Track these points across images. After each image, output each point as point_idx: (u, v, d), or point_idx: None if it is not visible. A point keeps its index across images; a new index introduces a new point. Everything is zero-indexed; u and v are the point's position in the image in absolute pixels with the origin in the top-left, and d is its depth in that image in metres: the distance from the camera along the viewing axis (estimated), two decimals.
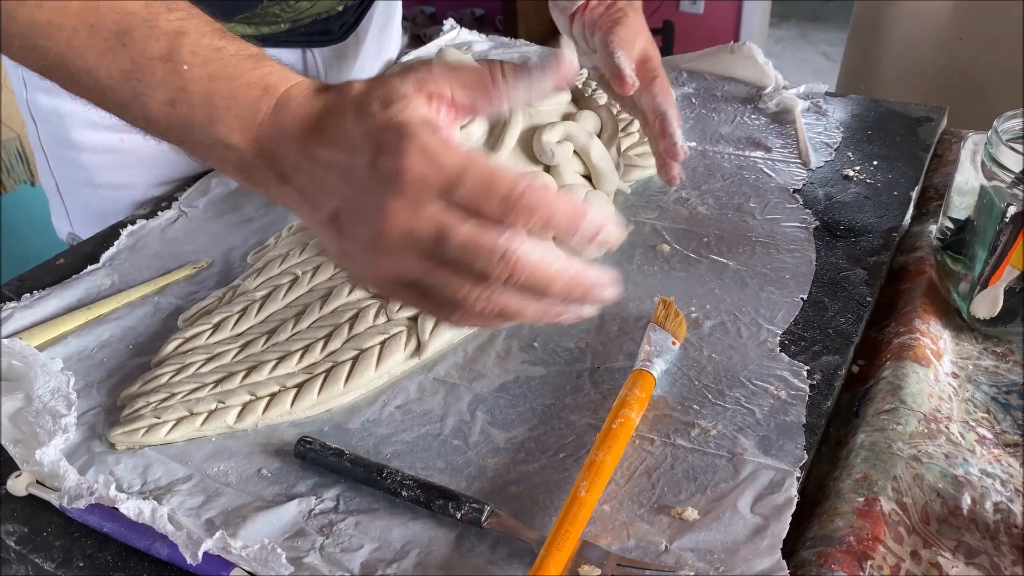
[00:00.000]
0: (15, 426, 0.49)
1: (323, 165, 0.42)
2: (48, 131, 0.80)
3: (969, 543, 0.41)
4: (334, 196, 0.42)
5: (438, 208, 0.40)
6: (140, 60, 0.44)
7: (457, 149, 0.40)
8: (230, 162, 0.45)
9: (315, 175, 0.43)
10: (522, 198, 0.39)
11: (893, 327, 0.54)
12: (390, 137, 0.40)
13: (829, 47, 3.60)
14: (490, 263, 0.39)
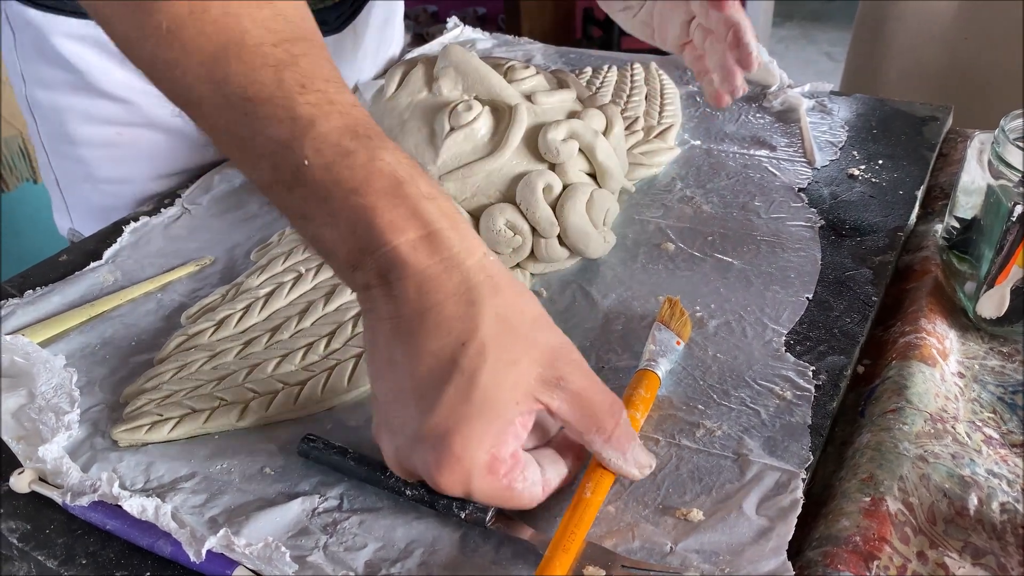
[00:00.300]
0: (18, 423, 0.48)
1: (392, 361, 0.39)
2: (47, 126, 0.79)
3: (976, 543, 0.41)
4: (386, 379, 0.40)
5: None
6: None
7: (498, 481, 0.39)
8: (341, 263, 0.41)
9: (394, 351, 0.39)
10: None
11: (899, 327, 0.54)
12: (448, 441, 0.37)
13: (832, 47, 3.59)
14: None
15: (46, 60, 0.74)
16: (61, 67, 0.74)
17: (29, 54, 0.75)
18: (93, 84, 0.74)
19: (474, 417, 0.37)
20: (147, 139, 0.77)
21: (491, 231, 0.56)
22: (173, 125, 0.77)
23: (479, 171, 0.56)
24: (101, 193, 0.79)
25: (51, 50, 0.73)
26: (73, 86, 0.75)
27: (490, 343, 0.38)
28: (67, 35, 0.72)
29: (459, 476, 0.38)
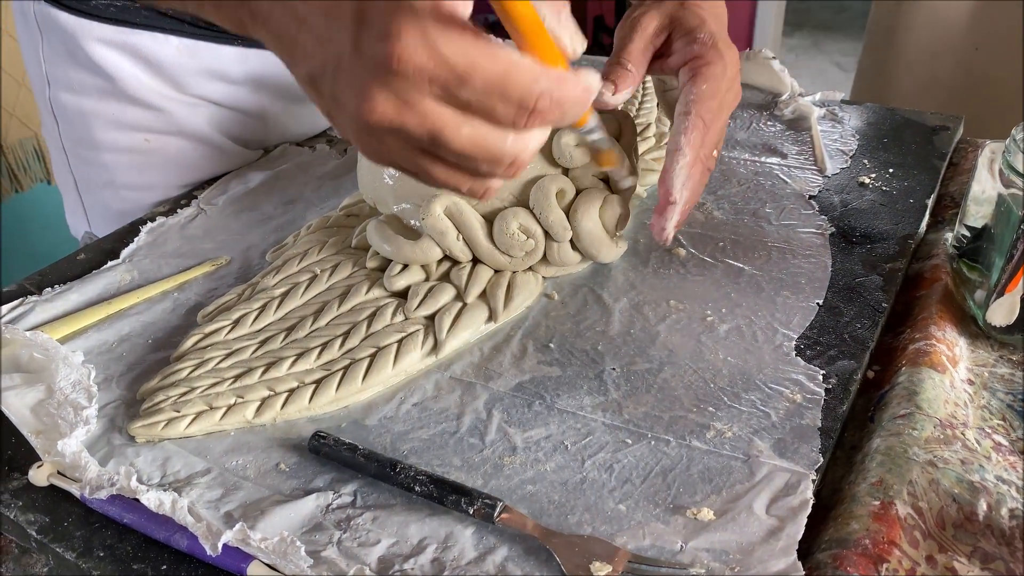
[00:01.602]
0: (37, 417, 0.49)
1: (300, 17, 0.37)
2: (70, 130, 0.80)
3: (985, 549, 0.41)
4: (309, 58, 0.38)
5: (434, 105, 0.35)
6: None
7: (466, 39, 0.34)
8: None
9: (291, 26, 0.38)
10: (539, 102, 0.35)
11: (909, 333, 0.54)
12: (380, 12, 0.34)
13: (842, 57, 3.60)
14: (494, 167, 0.37)
15: (76, 64, 0.75)
16: (92, 72, 0.74)
17: (58, 57, 0.76)
18: (124, 90, 0.75)
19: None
20: (175, 147, 0.78)
21: (504, 234, 0.56)
22: (202, 134, 0.78)
23: None
24: (122, 199, 0.80)
25: (82, 55, 0.73)
26: (103, 91, 0.75)
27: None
28: (100, 40, 0.73)
29: (410, 29, 0.33)
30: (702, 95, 0.54)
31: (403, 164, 0.39)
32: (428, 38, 0.34)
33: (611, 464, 0.45)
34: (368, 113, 0.36)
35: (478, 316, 0.55)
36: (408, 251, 0.57)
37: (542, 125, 0.37)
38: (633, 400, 0.49)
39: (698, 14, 0.55)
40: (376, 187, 0.60)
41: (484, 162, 0.37)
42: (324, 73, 0.37)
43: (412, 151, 0.38)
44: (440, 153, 0.37)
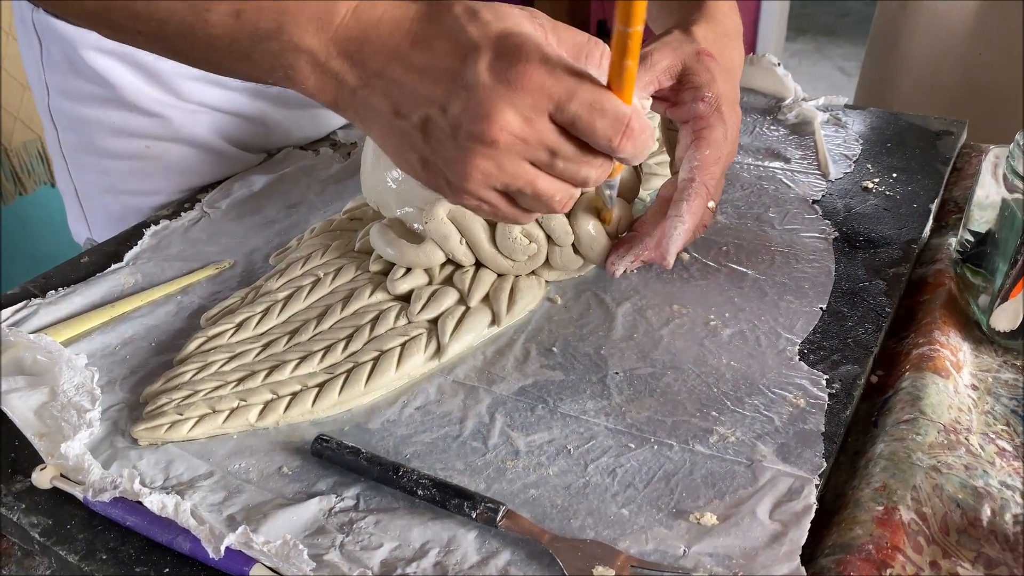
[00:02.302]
0: (40, 420, 0.49)
1: (418, 68, 0.42)
2: (70, 137, 0.80)
3: (988, 554, 0.41)
4: (427, 101, 0.43)
5: (549, 121, 0.42)
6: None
7: (569, 65, 0.42)
8: (300, 69, 0.44)
9: (406, 79, 0.43)
10: (631, 122, 0.42)
11: (912, 338, 0.54)
12: (513, 42, 0.41)
13: (845, 61, 3.60)
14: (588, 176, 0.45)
15: (75, 72, 0.75)
16: (91, 80, 0.74)
17: (56, 65, 0.76)
18: (124, 98, 0.75)
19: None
20: (176, 153, 0.78)
21: (507, 238, 0.56)
22: (203, 139, 0.78)
23: None
24: (123, 205, 0.80)
25: (81, 63, 0.74)
26: (102, 99, 0.75)
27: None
28: (99, 49, 0.73)
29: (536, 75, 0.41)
30: (706, 161, 0.55)
31: (512, 181, 0.44)
32: (547, 63, 0.41)
33: (614, 468, 0.45)
34: (499, 130, 0.42)
35: (481, 320, 0.55)
36: (411, 255, 0.57)
37: (634, 148, 0.43)
38: (636, 404, 0.49)
39: (709, 69, 0.55)
40: (379, 191, 0.60)
41: (584, 167, 0.44)
42: (445, 109, 0.42)
43: (525, 166, 0.44)
44: (553, 162, 0.44)
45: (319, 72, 0.44)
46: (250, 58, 0.45)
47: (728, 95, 0.55)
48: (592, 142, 0.43)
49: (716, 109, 0.54)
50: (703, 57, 0.55)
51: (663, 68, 0.55)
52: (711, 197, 0.56)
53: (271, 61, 0.44)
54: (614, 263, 0.58)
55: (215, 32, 0.44)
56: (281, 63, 0.44)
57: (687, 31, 0.56)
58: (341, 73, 0.44)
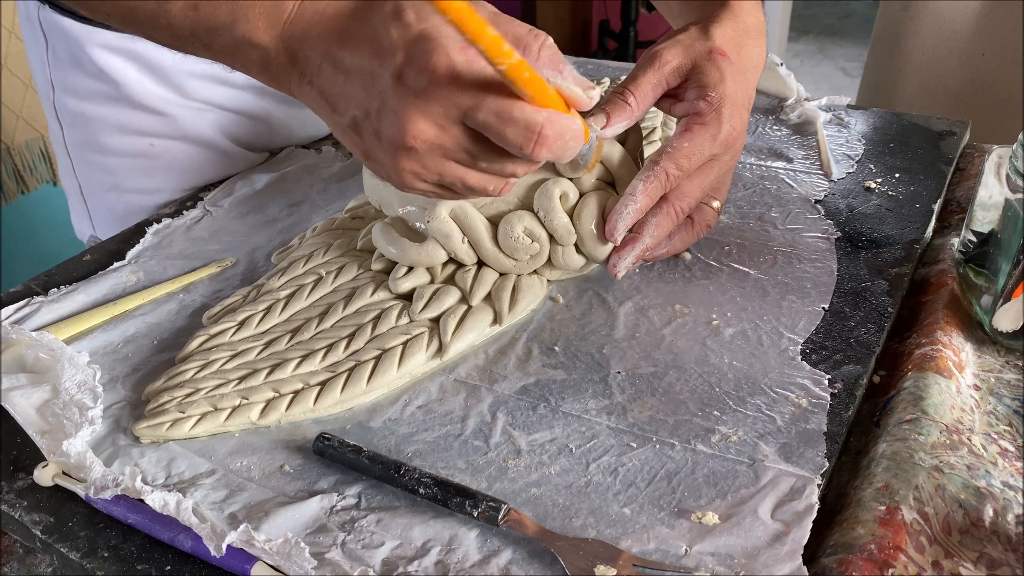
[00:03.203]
0: (42, 417, 0.49)
1: (345, 69, 0.43)
2: (74, 134, 0.80)
3: (991, 554, 0.41)
4: (355, 103, 0.43)
5: (460, 127, 0.43)
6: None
7: (485, 74, 0.41)
8: (254, 61, 0.46)
9: (337, 78, 0.44)
10: (543, 128, 0.42)
11: (915, 338, 0.54)
12: (421, 49, 0.41)
13: (848, 62, 3.60)
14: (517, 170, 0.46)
15: (81, 70, 0.75)
16: (96, 78, 0.75)
17: (62, 62, 0.76)
18: (129, 96, 0.75)
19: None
20: (180, 151, 0.78)
21: (509, 238, 0.56)
22: (207, 138, 0.78)
23: None
24: (126, 203, 0.80)
25: (87, 60, 0.74)
26: (107, 97, 0.76)
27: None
28: (104, 46, 0.73)
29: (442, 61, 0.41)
30: (678, 151, 0.53)
31: (441, 178, 0.46)
32: (454, 72, 0.41)
33: (616, 467, 0.45)
34: (412, 138, 0.43)
35: (483, 319, 0.55)
36: (413, 253, 0.57)
37: (550, 153, 0.43)
38: (638, 404, 0.49)
39: (720, 69, 0.54)
40: (381, 189, 0.60)
41: (507, 165, 0.45)
42: (368, 113, 0.44)
43: (449, 164, 0.45)
44: (475, 163, 0.45)
45: (269, 66, 0.46)
46: (210, 48, 0.47)
47: (736, 97, 0.54)
48: (506, 148, 0.43)
49: (716, 109, 0.53)
50: (715, 56, 0.54)
51: (672, 68, 0.54)
52: (677, 187, 0.54)
53: (228, 53, 0.47)
54: (615, 264, 0.57)
55: (176, 22, 0.46)
56: (238, 56, 0.46)
57: (705, 29, 0.55)
58: (287, 69, 0.45)
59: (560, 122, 0.43)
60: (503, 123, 0.42)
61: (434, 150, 0.43)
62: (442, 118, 0.42)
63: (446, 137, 0.43)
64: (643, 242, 0.56)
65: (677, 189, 0.54)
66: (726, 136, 0.54)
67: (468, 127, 0.43)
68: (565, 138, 0.43)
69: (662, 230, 0.55)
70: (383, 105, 0.43)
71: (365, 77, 0.43)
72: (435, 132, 0.43)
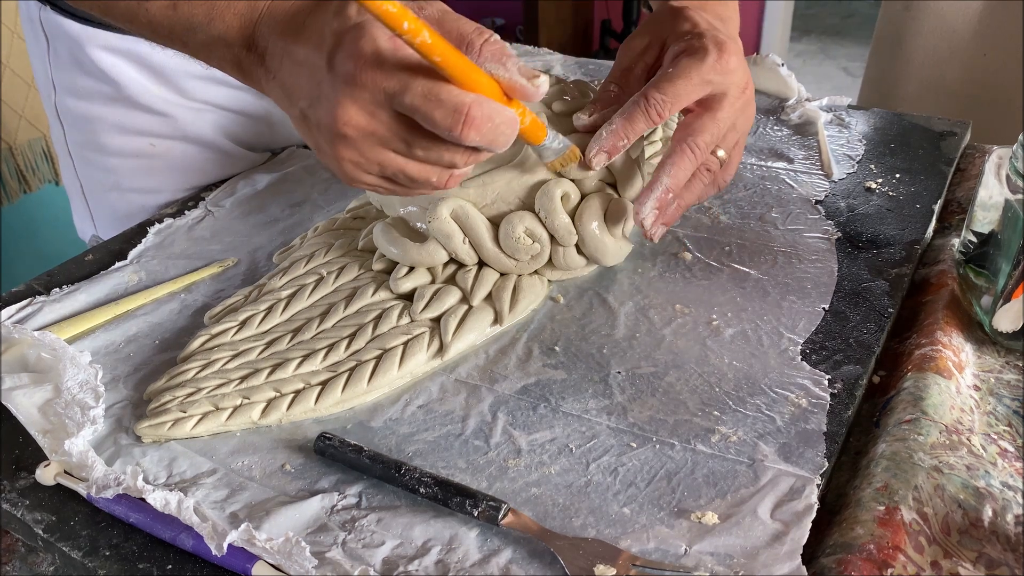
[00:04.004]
0: (44, 417, 0.49)
1: (298, 61, 0.45)
2: (76, 135, 0.81)
3: (990, 555, 0.41)
4: (302, 94, 0.45)
5: (392, 112, 0.43)
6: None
7: (410, 61, 0.42)
8: (228, 59, 0.48)
9: (292, 71, 0.45)
10: (471, 110, 0.42)
11: (914, 339, 0.54)
12: (351, 36, 0.42)
13: (850, 62, 3.60)
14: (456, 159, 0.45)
15: (81, 70, 0.75)
16: (97, 78, 0.75)
17: (63, 63, 0.76)
18: (129, 96, 0.75)
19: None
20: (180, 151, 0.78)
21: (510, 238, 0.56)
22: (208, 138, 0.79)
23: (499, 178, 0.57)
24: (128, 202, 0.81)
25: (87, 61, 0.74)
26: (108, 97, 0.76)
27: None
28: (104, 47, 0.73)
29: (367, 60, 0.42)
30: (661, 77, 0.52)
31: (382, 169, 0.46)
32: (379, 58, 0.42)
33: (616, 467, 0.45)
34: (343, 124, 0.43)
35: (484, 319, 0.56)
36: (414, 254, 0.58)
37: (480, 137, 0.43)
38: (638, 404, 0.49)
39: (690, 18, 0.55)
40: None
41: (445, 153, 0.45)
42: (312, 102, 0.45)
43: (387, 153, 0.45)
44: (411, 151, 0.45)
45: (241, 64, 0.47)
46: (187, 46, 0.49)
47: (717, 32, 0.53)
48: (436, 132, 0.43)
49: (697, 38, 0.53)
50: (682, 12, 0.55)
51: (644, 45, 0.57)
52: (653, 113, 0.52)
53: (205, 51, 0.48)
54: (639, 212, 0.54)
55: (155, 20, 0.48)
56: (213, 54, 0.48)
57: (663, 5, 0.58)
58: (256, 66, 0.47)
59: (489, 105, 0.43)
60: (430, 105, 0.42)
61: (368, 137, 0.44)
62: (370, 104, 0.43)
63: (376, 123, 0.43)
64: (663, 182, 0.53)
65: (688, 126, 0.53)
66: (715, 61, 0.52)
67: (399, 113, 0.43)
68: (495, 121, 0.43)
69: (679, 169, 0.53)
70: (320, 93, 0.44)
71: (309, 67, 0.44)
72: (365, 118, 0.43)
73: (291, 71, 0.45)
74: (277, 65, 0.46)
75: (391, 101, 0.43)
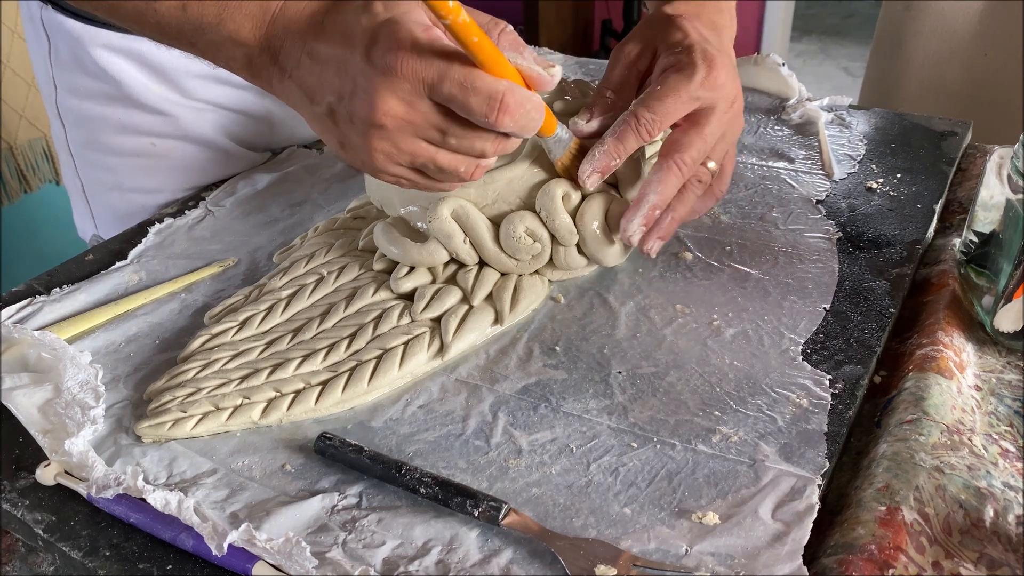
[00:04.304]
0: (44, 417, 0.49)
1: (322, 59, 0.45)
2: (77, 134, 0.81)
3: (991, 555, 0.41)
4: (330, 90, 0.46)
5: (427, 103, 0.44)
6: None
7: (446, 50, 0.43)
8: (238, 59, 0.48)
9: (314, 69, 0.46)
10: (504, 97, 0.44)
11: (916, 339, 0.54)
12: (386, 31, 0.43)
13: (850, 62, 3.60)
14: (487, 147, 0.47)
15: (82, 70, 0.75)
16: (98, 77, 0.75)
17: (64, 62, 0.76)
18: (130, 96, 0.75)
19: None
20: (181, 151, 0.78)
21: (511, 238, 0.56)
22: (208, 138, 0.79)
23: (500, 178, 0.57)
24: (128, 202, 0.81)
25: (89, 60, 0.74)
26: (109, 96, 0.76)
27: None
28: (106, 47, 0.73)
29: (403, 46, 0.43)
30: (650, 94, 0.53)
31: (412, 159, 0.47)
32: (418, 48, 0.43)
33: (616, 467, 0.45)
34: (383, 115, 0.44)
35: (484, 319, 0.56)
36: (415, 253, 0.57)
37: (514, 123, 0.45)
38: (639, 404, 0.49)
39: (682, 28, 0.55)
40: (383, 189, 0.60)
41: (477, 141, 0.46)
42: (342, 97, 0.45)
43: (420, 143, 0.46)
44: (445, 140, 0.46)
45: (252, 64, 0.48)
46: (195, 46, 0.49)
47: (707, 45, 0.53)
48: (471, 119, 0.45)
49: (686, 53, 0.53)
50: (675, 20, 0.56)
51: (637, 52, 0.56)
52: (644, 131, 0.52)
53: (213, 51, 0.48)
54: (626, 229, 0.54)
55: (164, 20, 0.48)
56: (222, 54, 0.48)
57: (660, 9, 0.58)
58: (268, 65, 0.47)
59: (521, 92, 0.45)
60: (467, 93, 0.43)
61: (404, 128, 0.45)
62: (410, 94, 0.44)
63: (415, 113, 0.45)
64: (648, 199, 0.53)
65: (674, 142, 0.53)
66: (704, 76, 0.52)
67: (435, 102, 0.45)
68: (526, 107, 0.45)
69: (665, 186, 0.53)
70: (355, 87, 0.44)
71: (338, 64, 0.45)
72: (404, 108, 0.44)
73: (312, 69, 0.46)
74: (294, 64, 0.47)
75: (429, 91, 0.44)
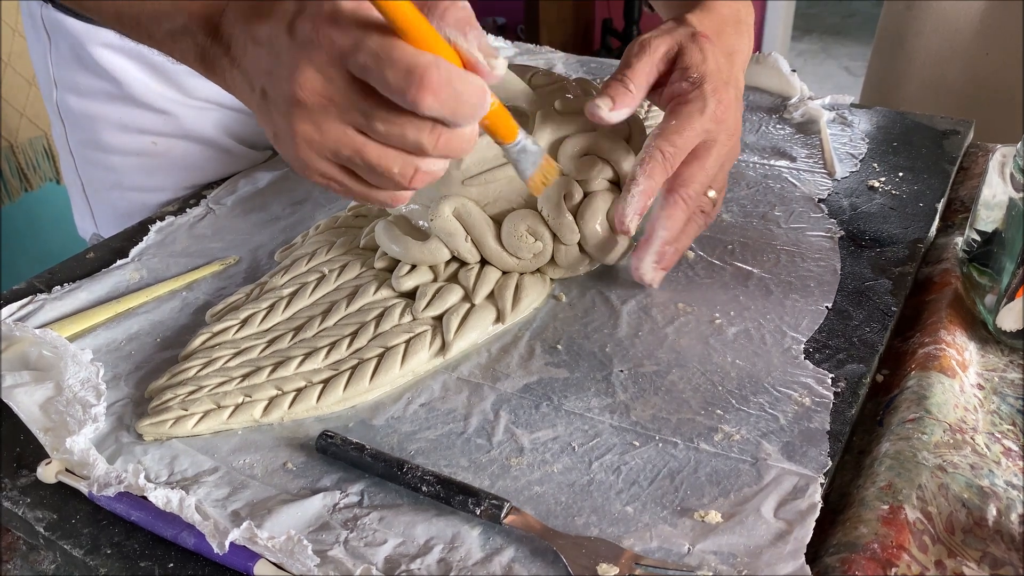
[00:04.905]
0: (45, 414, 0.49)
1: (259, 41, 0.43)
2: (77, 133, 0.81)
3: (994, 554, 0.41)
4: (263, 72, 0.43)
5: (345, 76, 0.40)
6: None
7: (369, 21, 0.39)
8: (191, 51, 0.47)
9: (254, 52, 0.43)
10: (426, 73, 0.38)
11: (918, 337, 0.54)
12: (312, 2, 0.41)
13: (851, 61, 3.59)
14: (422, 139, 0.41)
15: (83, 68, 0.75)
16: (98, 76, 0.75)
17: (65, 61, 0.76)
18: (130, 94, 0.75)
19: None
20: (181, 149, 0.78)
21: (512, 236, 0.56)
22: (209, 136, 0.78)
23: (501, 176, 0.57)
24: (129, 201, 0.81)
25: (89, 59, 0.74)
26: (109, 95, 0.76)
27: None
28: (106, 45, 0.73)
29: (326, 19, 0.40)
30: (667, 128, 0.54)
31: (338, 147, 0.42)
32: (336, 15, 0.39)
33: (618, 466, 0.45)
34: (300, 88, 0.40)
35: (486, 317, 0.55)
36: (416, 252, 0.57)
37: (440, 104, 0.39)
38: (641, 402, 0.49)
39: (702, 49, 0.55)
40: None
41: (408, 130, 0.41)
42: (270, 74, 0.42)
43: (347, 130, 0.41)
44: (370, 124, 0.41)
45: (205, 56, 0.46)
46: (152, 37, 0.48)
47: (719, 75, 0.54)
48: (390, 96, 0.39)
49: (698, 86, 0.53)
50: (698, 38, 0.55)
51: (661, 54, 0.55)
52: (679, 168, 0.54)
53: (169, 42, 0.47)
54: (638, 268, 0.56)
55: (121, 9, 0.47)
56: (176, 45, 0.47)
57: (685, 20, 0.57)
58: (221, 57, 0.45)
59: (449, 69, 0.39)
60: (382, 64, 0.38)
61: (325, 107, 0.41)
62: (327, 65, 0.40)
63: (333, 88, 0.40)
64: (658, 236, 0.55)
65: (679, 177, 0.54)
66: (713, 111, 0.53)
67: (355, 77, 0.40)
68: (455, 87, 0.39)
69: (674, 221, 0.55)
70: (279, 62, 0.41)
71: (269, 43, 0.42)
72: (321, 82, 0.40)
73: (253, 53, 0.43)
74: (241, 52, 0.44)
75: (345, 60, 0.40)
